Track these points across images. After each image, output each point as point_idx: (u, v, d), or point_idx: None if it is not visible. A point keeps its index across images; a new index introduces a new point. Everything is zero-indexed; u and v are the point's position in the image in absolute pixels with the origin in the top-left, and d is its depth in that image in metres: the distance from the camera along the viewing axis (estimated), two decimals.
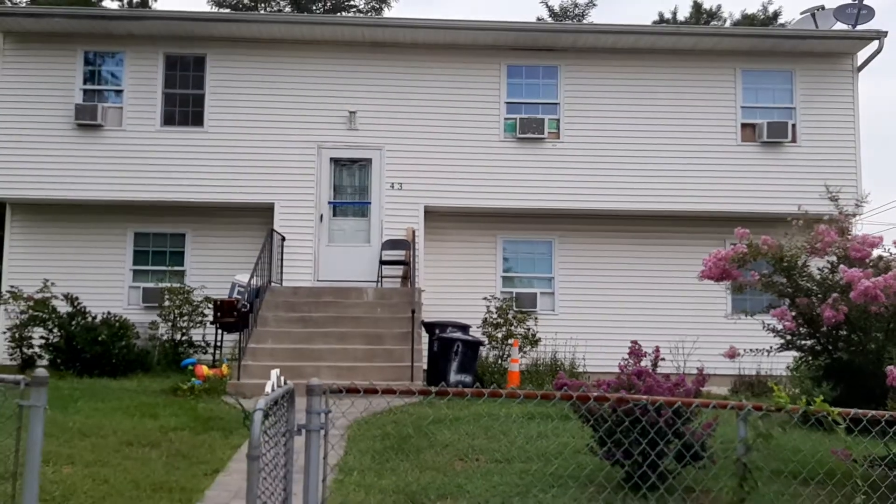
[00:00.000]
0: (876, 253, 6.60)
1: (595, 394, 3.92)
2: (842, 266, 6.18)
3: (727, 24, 29.54)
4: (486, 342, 12.43)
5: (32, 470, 3.39)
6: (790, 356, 8.22)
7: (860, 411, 3.91)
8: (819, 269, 6.88)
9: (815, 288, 6.72)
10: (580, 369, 12.66)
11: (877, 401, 6.34)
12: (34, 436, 3.40)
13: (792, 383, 10.38)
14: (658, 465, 4.62)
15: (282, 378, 3.53)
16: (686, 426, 5.02)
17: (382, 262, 13.42)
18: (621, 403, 4.37)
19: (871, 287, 5.67)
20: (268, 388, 3.30)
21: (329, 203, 13.84)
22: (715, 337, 11.39)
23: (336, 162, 13.92)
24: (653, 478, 4.47)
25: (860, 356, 6.50)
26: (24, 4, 24.75)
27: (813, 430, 6.64)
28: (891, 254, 6.66)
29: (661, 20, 30.52)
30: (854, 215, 7.79)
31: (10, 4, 23.83)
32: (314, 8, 29.56)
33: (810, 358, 7.23)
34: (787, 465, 5.45)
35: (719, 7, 30.22)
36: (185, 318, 13.02)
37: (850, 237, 6.71)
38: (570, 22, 28.58)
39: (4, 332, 12.67)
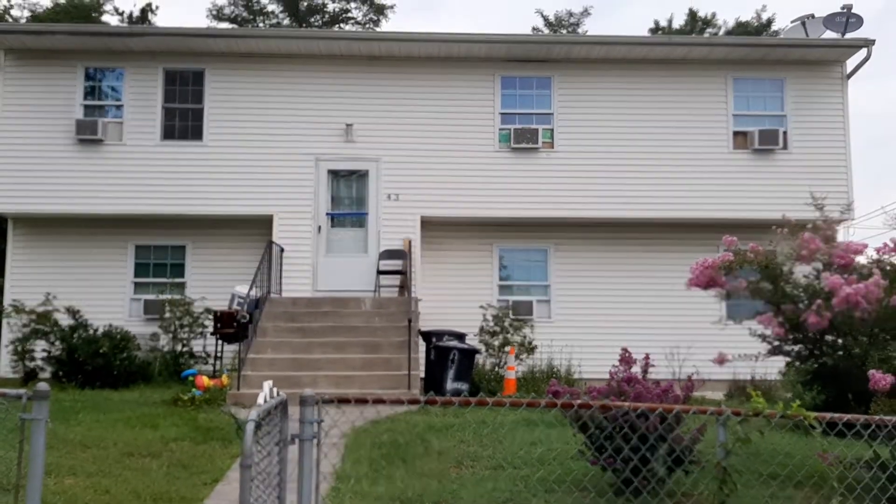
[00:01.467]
0: (861, 260, 6.73)
1: (578, 401, 4.05)
2: (824, 273, 6.32)
3: (722, 31, 29.79)
4: (483, 350, 12.56)
5: (35, 481, 3.52)
6: (784, 361, 8.32)
7: (836, 415, 4.03)
8: (805, 275, 7.01)
9: (800, 294, 6.85)
10: (576, 376, 12.77)
11: (867, 403, 6.47)
12: (36, 448, 3.53)
13: (784, 387, 10.49)
14: (641, 470, 4.74)
15: (275, 389, 3.66)
16: (671, 431, 5.13)
17: (380, 272, 13.56)
18: (605, 410, 4.50)
19: (852, 294, 5.81)
20: (260, 400, 3.43)
21: (327, 214, 13.99)
22: (709, 342, 11.41)
23: (334, 174, 14.08)
24: (636, 482, 4.60)
25: (845, 360, 6.63)
26: (24, 22, 24.98)
27: (802, 433, 6.75)
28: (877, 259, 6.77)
29: (657, 28, 30.77)
30: (840, 222, 7.93)
31: (11, 21, 24.06)
32: (312, 20, 29.83)
33: (797, 363, 7.36)
34: (767, 468, 5.57)
35: (714, 15, 30.50)
36: (186, 329, 13.16)
37: (834, 244, 6.84)
38: (564, 32, 28.83)
39: (7, 346, 12.82)
